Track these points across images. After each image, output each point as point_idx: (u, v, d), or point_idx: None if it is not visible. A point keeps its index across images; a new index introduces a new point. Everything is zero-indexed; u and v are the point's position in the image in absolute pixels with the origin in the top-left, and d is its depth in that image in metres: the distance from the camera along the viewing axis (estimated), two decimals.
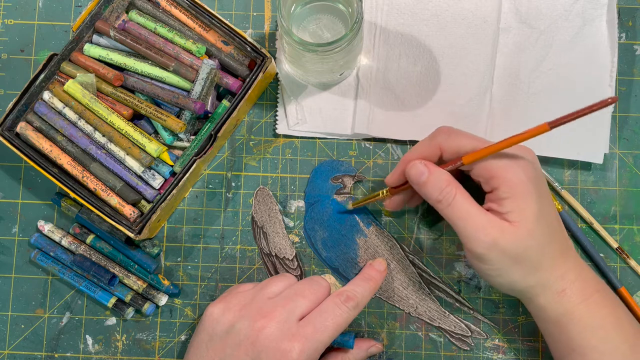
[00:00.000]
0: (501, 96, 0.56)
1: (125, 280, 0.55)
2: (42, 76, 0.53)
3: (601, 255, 0.55)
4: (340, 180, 0.56)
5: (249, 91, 0.52)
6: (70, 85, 0.52)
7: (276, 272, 0.56)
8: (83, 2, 0.59)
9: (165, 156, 0.53)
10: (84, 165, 0.52)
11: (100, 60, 0.54)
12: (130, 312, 0.55)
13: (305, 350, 0.44)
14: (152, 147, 0.52)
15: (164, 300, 0.55)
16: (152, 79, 0.53)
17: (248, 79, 0.53)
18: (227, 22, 0.53)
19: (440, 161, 0.48)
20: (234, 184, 0.57)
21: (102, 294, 0.55)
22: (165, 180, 0.53)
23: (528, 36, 0.56)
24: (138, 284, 0.55)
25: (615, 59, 0.55)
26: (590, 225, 0.55)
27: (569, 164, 0.56)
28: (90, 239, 0.55)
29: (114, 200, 0.52)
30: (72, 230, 0.56)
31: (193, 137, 0.54)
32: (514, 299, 0.54)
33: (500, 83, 0.56)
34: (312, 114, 0.56)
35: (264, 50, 0.53)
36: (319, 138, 0.57)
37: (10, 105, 0.52)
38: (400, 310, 0.55)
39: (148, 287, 0.55)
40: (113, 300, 0.55)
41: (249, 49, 0.53)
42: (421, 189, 0.47)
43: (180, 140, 0.54)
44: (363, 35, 0.54)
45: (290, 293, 0.47)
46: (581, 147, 0.55)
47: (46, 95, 0.53)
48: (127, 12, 0.55)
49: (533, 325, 0.54)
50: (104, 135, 0.52)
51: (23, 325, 0.56)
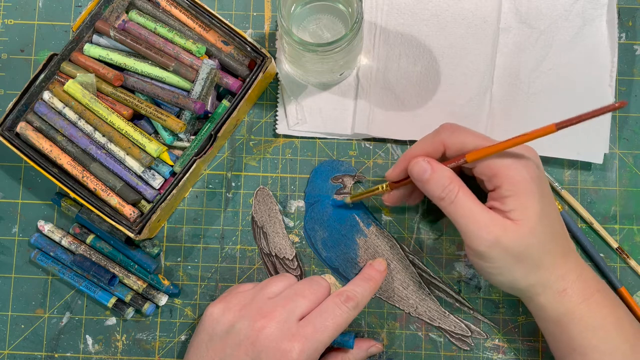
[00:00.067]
0: (501, 96, 0.56)
1: (125, 280, 0.55)
2: (42, 76, 0.53)
3: (601, 255, 0.55)
4: (340, 180, 0.56)
5: (249, 91, 0.52)
6: (70, 85, 0.52)
7: (276, 272, 0.56)
8: (83, 2, 0.59)
9: (165, 156, 0.53)
10: (84, 165, 0.52)
11: (100, 60, 0.54)
12: (130, 312, 0.55)
13: (305, 350, 0.44)
14: (152, 147, 0.52)
15: (164, 300, 0.55)
16: (152, 79, 0.53)
17: (248, 79, 0.53)
18: (227, 22, 0.53)
19: (443, 158, 0.48)
20: (234, 184, 0.57)
21: (102, 294, 0.55)
22: (165, 180, 0.53)
23: (528, 36, 0.56)
24: (138, 284, 0.55)
25: (615, 59, 0.55)
26: (590, 225, 0.55)
27: (569, 164, 0.56)
28: (90, 239, 0.55)
29: (114, 200, 0.52)
30: (72, 230, 0.56)
31: (193, 137, 0.54)
32: (514, 298, 0.54)
33: (500, 83, 0.56)
34: (312, 114, 0.56)
35: (264, 50, 0.53)
36: (319, 138, 0.57)
37: (10, 105, 0.52)
38: (400, 310, 0.55)
39: (148, 287, 0.55)
40: (113, 300, 0.55)
41: (249, 49, 0.53)
42: (424, 186, 0.47)
43: (180, 140, 0.54)
44: (363, 35, 0.54)
45: (290, 293, 0.47)
46: (581, 147, 0.55)
47: (46, 95, 0.53)
48: (127, 12, 0.55)
49: (533, 325, 0.54)
50: (104, 135, 0.52)
51: (23, 325, 0.56)
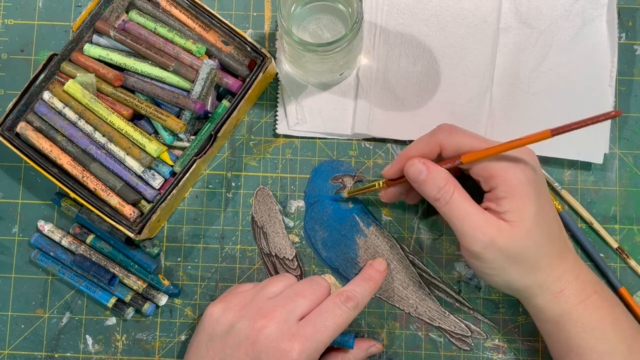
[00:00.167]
0: (501, 96, 0.56)
1: (125, 280, 0.55)
2: (42, 76, 0.53)
3: (601, 255, 0.55)
4: (340, 180, 0.56)
5: (249, 91, 0.52)
6: (70, 85, 0.52)
7: (276, 272, 0.56)
8: (83, 2, 0.59)
9: (165, 156, 0.53)
10: (84, 165, 0.52)
11: (100, 60, 0.54)
12: (130, 312, 0.55)
13: (305, 351, 0.44)
14: (152, 147, 0.52)
15: (164, 300, 0.55)
16: (152, 79, 0.53)
17: (248, 79, 0.53)
18: (227, 22, 0.53)
19: (439, 158, 0.48)
20: (234, 184, 0.57)
21: (102, 294, 0.55)
22: (165, 180, 0.53)
23: (528, 36, 0.56)
24: (138, 284, 0.55)
25: (615, 59, 0.55)
26: (590, 225, 0.55)
27: (569, 164, 0.56)
28: (90, 239, 0.55)
29: (114, 200, 0.52)
30: (72, 230, 0.56)
31: (193, 137, 0.54)
32: (514, 299, 0.54)
33: (500, 83, 0.56)
34: (312, 114, 0.56)
35: (264, 50, 0.53)
36: (319, 138, 0.57)
37: (10, 105, 0.52)
38: (400, 310, 0.55)
39: (148, 287, 0.55)
40: (113, 300, 0.55)
41: (249, 49, 0.53)
42: (420, 187, 0.47)
43: (180, 140, 0.54)
44: (363, 35, 0.54)
45: (290, 293, 0.47)
46: (581, 147, 0.55)
47: (46, 95, 0.53)
48: (127, 12, 0.55)
49: (533, 325, 0.54)
50: (104, 135, 0.52)
51: (23, 325, 0.56)
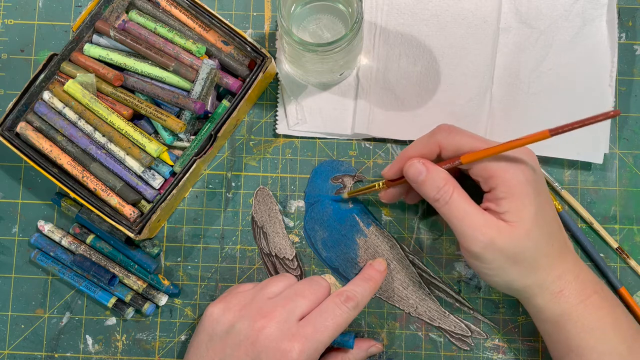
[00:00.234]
0: (501, 96, 0.56)
1: (125, 280, 0.55)
2: (42, 76, 0.53)
3: (601, 255, 0.55)
4: (340, 180, 0.56)
5: (249, 91, 0.52)
6: (70, 85, 0.52)
7: (276, 272, 0.56)
8: (83, 2, 0.59)
9: (165, 156, 0.53)
10: (84, 165, 0.52)
11: (100, 60, 0.54)
12: (130, 312, 0.55)
13: (305, 351, 0.44)
14: (152, 147, 0.52)
15: (164, 300, 0.55)
16: (152, 79, 0.53)
17: (248, 79, 0.53)
18: (227, 22, 0.53)
19: (438, 159, 0.48)
20: (234, 184, 0.57)
21: (102, 294, 0.55)
22: (165, 180, 0.53)
23: (528, 36, 0.56)
24: (138, 284, 0.55)
25: (615, 59, 0.55)
26: (590, 225, 0.55)
27: (569, 164, 0.56)
28: (90, 239, 0.55)
29: (114, 200, 0.52)
30: (72, 230, 0.56)
31: (193, 137, 0.54)
32: (514, 299, 0.54)
33: (500, 83, 0.56)
34: (312, 114, 0.56)
35: (264, 50, 0.53)
36: (319, 138, 0.57)
37: (10, 105, 0.52)
38: (400, 310, 0.55)
39: (148, 287, 0.55)
40: (113, 300, 0.55)
41: (249, 49, 0.53)
42: (419, 188, 0.47)
43: (180, 140, 0.54)
44: (363, 35, 0.54)
45: (290, 293, 0.47)
46: (581, 147, 0.55)
47: (46, 95, 0.53)
48: (127, 12, 0.55)
49: (533, 325, 0.54)
50: (104, 135, 0.52)
51: (23, 325, 0.56)
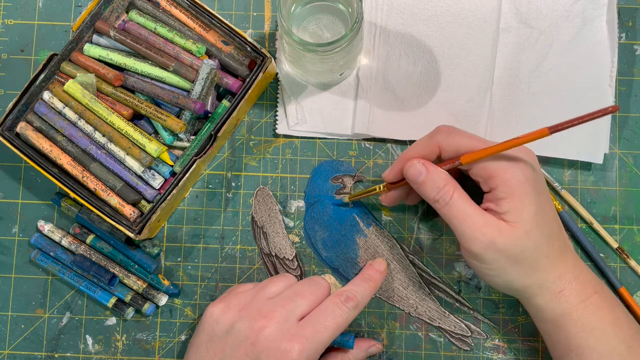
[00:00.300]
0: (501, 96, 0.56)
1: (125, 280, 0.55)
2: (42, 76, 0.53)
3: (601, 255, 0.55)
4: (341, 180, 0.56)
5: (249, 91, 0.52)
6: (70, 85, 0.52)
7: (276, 272, 0.56)
8: (83, 2, 0.59)
9: (165, 156, 0.53)
10: (84, 165, 0.52)
11: (100, 60, 0.54)
12: (130, 312, 0.55)
13: (305, 351, 0.44)
14: (152, 147, 0.52)
15: (164, 300, 0.55)
16: (152, 79, 0.53)
17: (248, 79, 0.53)
18: (227, 22, 0.53)
19: (438, 160, 0.48)
20: (234, 184, 0.57)
21: (102, 294, 0.55)
22: (165, 180, 0.53)
23: (528, 36, 0.56)
24: (138, 284, 0.55)
25: (615, 59, 0.55)
26: (590, 225, 0.55)
27: (569, 164, 0.56)
28: (90, 239, 0.55)
29: (114, 200, 0.52)
30: (72, 230, 0.56)
31: (193, 137, 0.54)
32: (514, 299, 0.54)
33: (500, 83, 0.56)
34: (312, 114, 0.56)
35: (264, 50, 0.53)
36: (319, 138, 0.57)
37: (10, 105, 0.52)
38: (400, 310, 0.55)
39: (148, 287, 0.55)
40: (113, 300, 0.55)
41: (249, 49, 0.53)
42: (419, 189, 0.47)
43: (180, 140, 0.54)
44: (363, 35, 0.54)
45: (290, 293, 0.47)
46: (581, 147, 0.55)
47: (46, 95, 0.53)
48: (127, 12, 0.55)
49: (533, 325, 0.54)
50: (104, 135, 0.52)
51: (23, 325, 0.56)
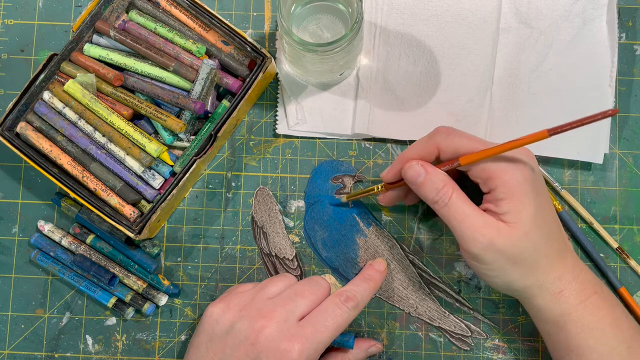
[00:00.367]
0: (501, 96, 0.56)
1: (125, 280, 0.55)
2: (42, 76, 0.53)
3: (601, 255, 0.55)
4: (341, 180, 0.56)
5: (249, 91, 0.52)
6: (70, 85, 0.52)
7: (276, 272, 0.56)
8: (83, 2, 0.59)
9: (165, 156, 0.53)
10: (84, 165, 0.52)
11: (100, 60, 0.54)
12: (130, 312, 0.55)
13: (305, 351, 0.44)
14: (152, 147, 0.52)
15: (164, 300, 0.55)
16: (152, 79, 0.53)
17: (248, 79, 0.53)
18: (227, 22, 0.53)
19: (437, 161, 0.48)
20: (234, 184, 0.57)
21: (102, 294, 0.55)
22: (165, 180, 0.53)
23: (528, 36, 0.56)
24: (138, 284, 0.55)
25: (615, 59, 0.55)
26: (590, 225, 0.55)
27: (569, 164, 0.56)
28: (90, 239, 0.55)
29: (114, 200, 0.52)
30: (72, 230, 0.56)
31: (193, 137, 0.54)
32: (514, 299, 0.54)
33: (500, 83, 0.56)
34: (312, 114, 0.56)
35: (264, 50, 0.53)
36: (319, 138, 0.57)
37: (10, 105, 0.52)
38: (400, 310, 0.55)
39: (148, 287, 0.55)
40: (113, 300, 0.55)
41: (249, 49, 0.53)
42: (418, 190, 0.47)
43: (180, 140, 0.54)
44: (363, 35, 0.54)
45: (290, 293, 0.47)
46: (581, 147, 0.55)
47: (46, 95, 0.53)
48: (127, 12, 0.55)
49: (533, 326, 0.54)
50: (104, 135, 0.52)
51: (23, 325, 0.56)
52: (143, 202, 0.53)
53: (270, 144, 0.57)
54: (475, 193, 0.47)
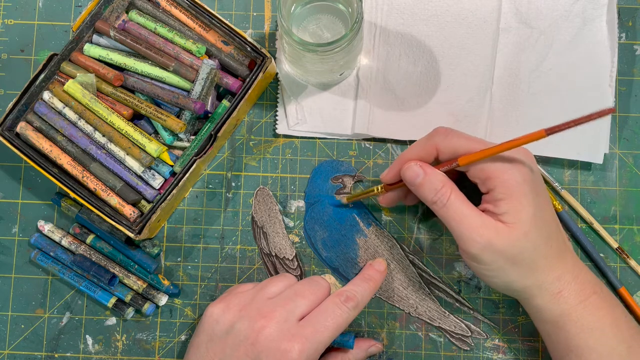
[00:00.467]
0: (501, 96, 0.56)
1: (125, 280, 0.55)
2: (42, 76, 0.53)
3: (601, 255, 0.55)
4: (341, 180, 0.56)
5: (249, 91, 0.52)
6: (70, 85, 0.52)
7: (276, 272, 0.56)
8: (83, 2, 0.59)
9: (165, 156, 0.53)
10: (84, 165, 0.52)
11: (100, 60, 0.54)
12: (130, 312, 0.55)
13: (305, 351, 0.44)
14: (152, 147, 0.52)
15: (164, 300, 0.55)
16: (152, 79, 0.53)
17: (248, 79, 0.53)
18: (227, 22, 0.53)
19: (436, 161, 0.48)
20: (234, 184, 0.57)
21: (102, 294, 0.55)
22: (165, 180, 0.53)
23: (528, 36, 0.56)
24: (138, 284, 0.55)
25: (615, 59, 0.55)
26: (590, 225, 0.55)
27: (569, 164, 0.56)
28: (90, 239, 0.55)
29: (114, 200, 0.52)
30: (72, 230, 0.56)
31: (193, 137, 0.54)
32: (514, 299, 0.54)
33: (500, 83, 0.56)
34: (312, 114, 0.56)
35: (264, 50, 0.53)
36: (319, 138, 0.57)
37: (10, 105, 0.52)
38: (400, 310, 0.55)
39: (148, 287, 0.55)
40: (113, 300, 0.55)
41: (249, 49, 0.53)
42: (417, 191, 0.47)
43: (180, 140, 0.54)
44: (363, 35, 0.54)
45: (290, 293, 0.47)
46: (581, 147, 0.55)
47: (46, 95, 0.53)
48: (127, 12, 0.55)
49: (533, 326, 0.54)
50: (104, 135, 0.52)
51: (23, 325, 0.56)
52: (143, 202, 0.53)
53: (270, 144, 0.57)
54: (474, 193, 0.47)
